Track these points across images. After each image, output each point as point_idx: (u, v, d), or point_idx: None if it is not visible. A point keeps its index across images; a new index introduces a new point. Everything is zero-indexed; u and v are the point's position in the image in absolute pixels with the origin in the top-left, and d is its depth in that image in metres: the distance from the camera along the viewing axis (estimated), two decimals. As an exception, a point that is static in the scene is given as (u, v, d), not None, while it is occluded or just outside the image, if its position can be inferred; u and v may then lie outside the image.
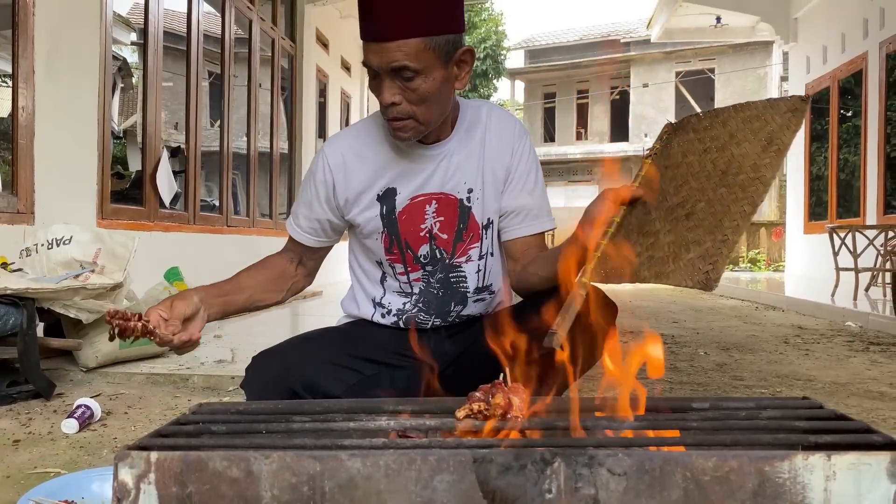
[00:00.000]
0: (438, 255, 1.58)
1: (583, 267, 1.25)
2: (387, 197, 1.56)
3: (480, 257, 1.61)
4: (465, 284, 1.61)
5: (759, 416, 0.93)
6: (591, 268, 1.25)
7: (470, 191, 1.57)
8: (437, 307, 1.62)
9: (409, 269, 1.60)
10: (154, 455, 0.79)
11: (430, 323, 1.63)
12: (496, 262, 1.64)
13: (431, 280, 1.60)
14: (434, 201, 1.56)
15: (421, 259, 1.58)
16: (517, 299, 1.64)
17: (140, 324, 1.31)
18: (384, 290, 1.64)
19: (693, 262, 1.11)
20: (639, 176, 1.36)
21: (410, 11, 1.32)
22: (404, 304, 1.63)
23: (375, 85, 1.41)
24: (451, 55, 1.39)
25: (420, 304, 1.62)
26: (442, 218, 1.56)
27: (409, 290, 1.62)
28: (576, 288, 1.18)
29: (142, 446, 0.82)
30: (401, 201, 1.55)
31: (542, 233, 1.64)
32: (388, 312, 1.64)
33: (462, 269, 1.60)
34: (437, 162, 1.54)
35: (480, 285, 1.63)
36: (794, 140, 1.18)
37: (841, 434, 0.83)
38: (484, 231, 1.60)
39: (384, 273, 1.63)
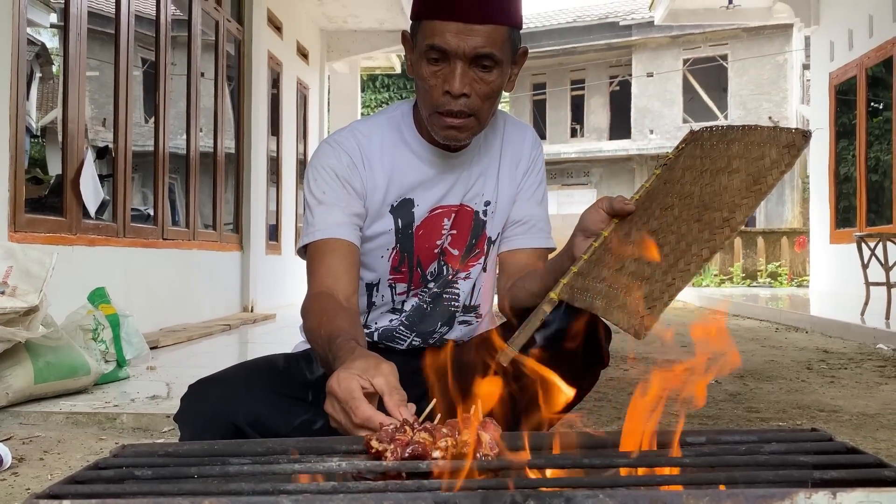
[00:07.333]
0: (445, 272, 1.63)
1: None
2: (402, 208, 1.57)
3: (478, 274, 1.66)
4: (456, 302, 1.66)
5: (761, 450, 0.96)
6: (564, 282, 1.28)
7: (487, 203, 1.62)
8: (423, 326, 1.66)
9: (411, 287, 1.63)
10: (66, 504, 0.80)
11: (408, 342, 1.66)
12: (487, 279, 1.69)
13: (426, 296, 1.64)
14: (453, 214, 1.60)
15: (427, 277, 1.63)
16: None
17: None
18: (368, 312, 1.66)
19: (637, 301, 1.12)
20: (642, 187, 1.41)
21: None
22: (391, 321, 1.66)
23: (438, 70, 1.41)
24: (515, 51, 1.47)
25: (405, 322, 1.66)
26: (455, 232, 1.61)
27: (401, 308, 1.65)
28: (542, 303, 1.21)
29: (52, 494, 0.83)
30: (419, 214, 1.58)
31: (545, 250, 1.68)
32: (366, 329, 1.65)
33: (458, 286, 1.65)
34: (459, 171, 1.58)
35: (469, 304, 1.68)
36: (776, 184, 1.20)
37: (850, 469, 0.85)
38: (490, 246, 1.65)
39: (371, 300, 1.65)
